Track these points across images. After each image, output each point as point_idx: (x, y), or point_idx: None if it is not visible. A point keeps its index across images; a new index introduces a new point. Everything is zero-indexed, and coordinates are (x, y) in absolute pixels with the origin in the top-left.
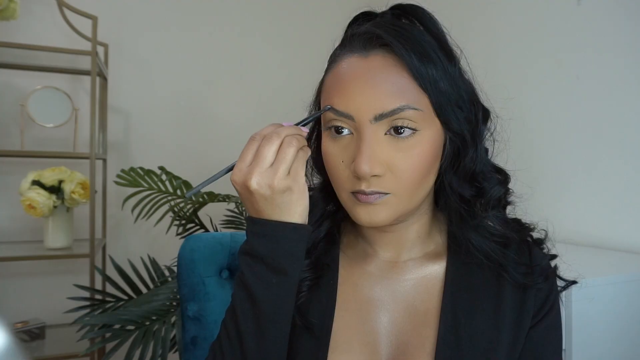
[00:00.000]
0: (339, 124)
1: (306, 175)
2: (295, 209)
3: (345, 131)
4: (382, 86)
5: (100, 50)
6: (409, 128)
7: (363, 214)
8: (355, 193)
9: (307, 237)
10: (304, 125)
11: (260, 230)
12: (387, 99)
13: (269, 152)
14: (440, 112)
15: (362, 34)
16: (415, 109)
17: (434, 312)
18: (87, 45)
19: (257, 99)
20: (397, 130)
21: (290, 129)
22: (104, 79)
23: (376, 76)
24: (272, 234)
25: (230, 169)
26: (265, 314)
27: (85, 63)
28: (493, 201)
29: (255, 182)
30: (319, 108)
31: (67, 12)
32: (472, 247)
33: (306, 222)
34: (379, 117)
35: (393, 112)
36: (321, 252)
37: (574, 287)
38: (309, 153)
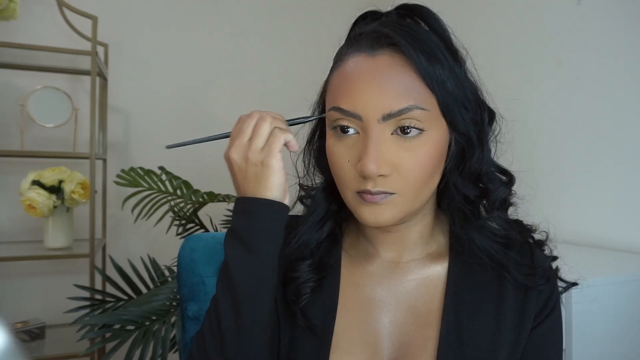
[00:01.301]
0: (345, 123)
1: (307, 174)
2: (269, 183)
3: (351, 131)
4: (390, 86)
5: (100, 50)
6: (415, 128)
7: (368, 214)
8: (360, 193)
9: (282, 214)
10: (295, 123)
11: (239, 208)
12: (395, 98)
13: (248, 127)
14: (446, 112)
15: (370, 33)
16: (423, 109)
17: (436, 312)
18: (87, 45)
19: (257, 99)
20: (404, 130)
21: (273, 113)
22: (104, 79)
23: (384, 75)
24: (249, 209)
25: (215, 138)
26: (241, 291)
27: (85, 63)
28: (498, 202)
29: (234, 154)
30: (324, 107)
31: (67, 12)
32: (475, 247)
33: (283, 201)
34: (387, 117)
35: (401, 112)
36: (324, 253)
37: (573, 288)
38: (288, 137)
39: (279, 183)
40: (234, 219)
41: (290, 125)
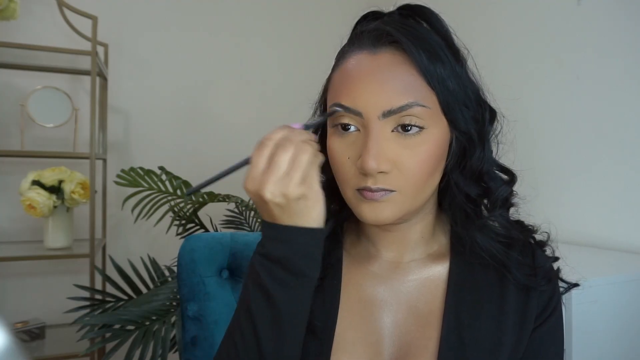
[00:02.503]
0: (346, 120)
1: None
2: (310, 214)
3: (352, 128)
4: (391, 83)
5: (100, 50)
6: (416, 126)
7: (368, 211)
8: (360, 190)
9: (322, 239)
10: (312, 127)
11: (276, 235)
12: (396, 95)
13: (284, 160)
14: (447, 110)
15: (371, 31)
16: (423, 106)
17: (437, 313)
18: (87, 45)
19: (257, 99)
20: (405, 127)
21: (302, 134)
22: (104, 79)
23: (385, 73)
24: (289, 238)
25: (232, 170)
26: (283, 316)
27: (85, 63)
28: (499, 201)
29: (269, 192)
30: (325, 105)
31: (67, 12)
32: (477, 247)
33: (322, 225)
34: (387, 114)
35: (401, 109)
36: (325, 252)
37: (574, 288)
38: (322, 158)
39: (320, 212)
40: (268, 245)
41: (308, 129)
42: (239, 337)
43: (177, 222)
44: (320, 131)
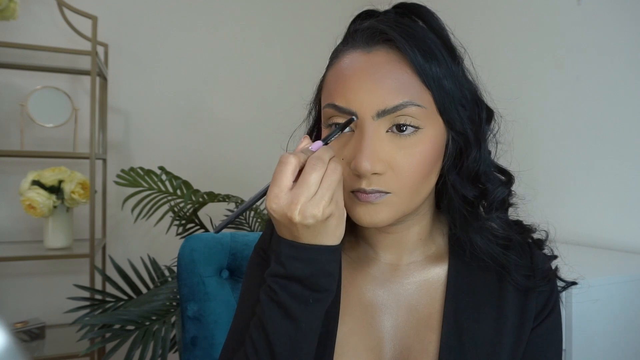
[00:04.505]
0: (340, 120)
1: None
2: (335, 233)
3: (346, 128)
4: (385, 82)
5: (100, 50)
6: (411, 126)
7: (363, 214)
8: (355, 192)
9: (340, 255)
10: (329, 139)
11: (298, 254)
12: (390, 94)
13: (314, 180)
14: (443, 110)
15: (366, 29)
16: (418, 106)
17: (437, 315)
18: (87, 45)
19: (257, 99)
20: (400, 127)
21: (329, 152)
22: (104, 79)
23: (379, 71)
24: (311, 258)
25: (264, 194)
26: (301, 331)
27: (85, 63)
28: (497, 202)
29: (299, 214)
30: (319, 105)
31: (67, 12)
32: (476, 249)
33: (340, 241)
34: (381, 114)
35: (395, 109)
36: None
37: (574, 287)
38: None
39: (342, 230)
40: (288, 264)
41: (327, 142)
42: (252, 352)
43: (177, 222)
44: (315, 131)
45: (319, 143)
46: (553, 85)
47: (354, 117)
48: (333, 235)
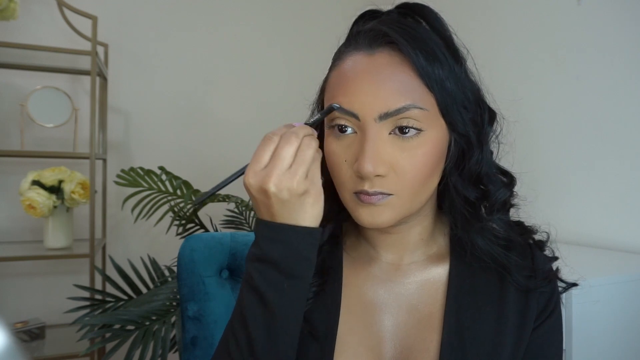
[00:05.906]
0: (342, 122)
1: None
2: (310, 212)
3: (349, 130)
4: (388, 84)
5: (100, 50)
6: (413, 128)
7: (365, 215)
8: (357, 193)
9: (318, 239)
10: (313, 125)
11: (274, 236)
12: (393, 97)
13: (288, 153)
14: (445, 112)
15: (368, 31)
16: (421, 109)
17: (438, 315)
18: (87, 45)
19: (257, 99)
20: (402, 130)
21: (306, 129)
22: (104, 79)
23: (381, 74)
24: (287, 239)
25: (242, 172)
26: (277, 318)
27: (85, 63)
28: (498, 204)
29: (273, 185)
30: (322, 107)
31: (67, 12)
32: (477, 249)
33: (318, 225)
34: (384, 116)
35: (398, 111)
36: (326, 255)
37: (574, 288)
38: (321, 154)
39: (320, 211)
40: (264, 246)
41: (313, 125)
42: (233, 343)
43: (177, 222)
44: (319, 131)
45: (300, 123)
46: (553, 85)
47: (334, 105)
48: (310, 215)
